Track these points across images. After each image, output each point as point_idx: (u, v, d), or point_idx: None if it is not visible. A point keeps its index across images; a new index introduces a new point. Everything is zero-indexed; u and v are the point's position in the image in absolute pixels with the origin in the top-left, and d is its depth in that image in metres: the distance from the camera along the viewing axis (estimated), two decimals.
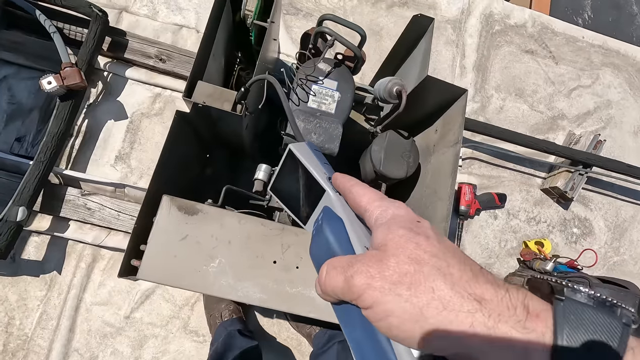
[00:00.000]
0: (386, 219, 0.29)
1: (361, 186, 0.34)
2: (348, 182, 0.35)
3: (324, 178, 0.38)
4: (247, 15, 0.99)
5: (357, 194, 0.33)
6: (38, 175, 1.21)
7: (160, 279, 0.78)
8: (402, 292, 0.24)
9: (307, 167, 0.39)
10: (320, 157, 0.42)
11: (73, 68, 1.24)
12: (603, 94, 1.88)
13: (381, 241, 0.27)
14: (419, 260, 0.25)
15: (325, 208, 0.37)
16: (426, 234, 0.27)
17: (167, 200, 0.81)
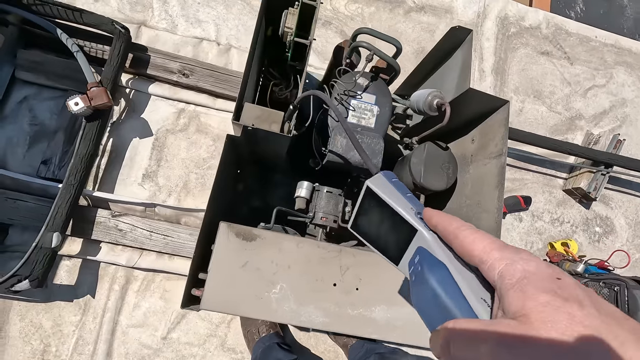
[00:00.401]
0: (516, 278, 0.25)
1: (469, 229, 0.30)
2: (450, 223, 0.32)
3: (414, 216, 0.36)
4: (287, 32, 0.97)
5: (467, 241, 0.30)
6: (69, 199, 1.18)
7: (224, 308, 0.77)
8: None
9: (392, 205, 0.37)
10: (401, 188, 0.39)
11: (100, 88, 1.22)
12: (617, 93, 1.90)
13: (519, 309, 0.24)
14: (581, 338, 0.21)
15: (420, 249, 0.35)
16: (577, 299, 0.23)
17: (225, 228, 0.80)
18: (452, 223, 0.32)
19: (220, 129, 1.45)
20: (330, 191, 1.08)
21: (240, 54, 1.52)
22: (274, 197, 1.31)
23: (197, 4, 1.54)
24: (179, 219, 1.36)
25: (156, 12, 1.50)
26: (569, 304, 0.22)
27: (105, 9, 1.46)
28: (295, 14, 0.95)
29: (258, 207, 1.30)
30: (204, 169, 1.42)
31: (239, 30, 1.55)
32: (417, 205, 0.37)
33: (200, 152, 1.43)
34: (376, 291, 0.84)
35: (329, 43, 1.64)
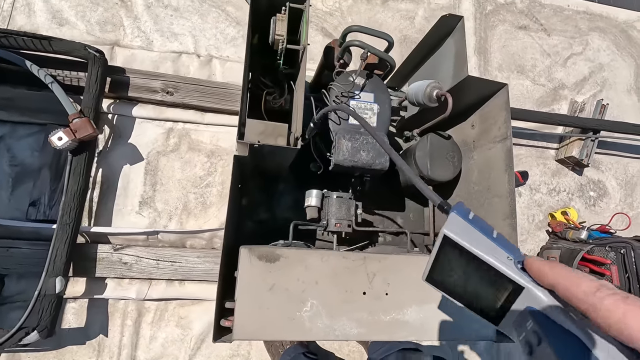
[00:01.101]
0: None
1: (613, 297, 0.23)
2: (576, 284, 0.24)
3: (514, 268, 0.29)
4: (278, 40, 0.94)
5: (614, 316, 0.22)
6: (67, 239, 1.12)
7: (257, 335, 0.74)
8: None
9: (483, 258, 0.30)
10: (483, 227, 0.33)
11: (82, 118, 1.15)
12: (595, 59, 1.95)
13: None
14: None
15: (534, 312, 0.28)
16: None
17: (246, 252, 0.77)
18: (580, 284, 0.24)
19: (213, 144, 1.40)
20: (340, 196, 1.06)
21: (223, 64, 1.46)
22: (280, 208, 1.28)
23: (170, 17, 1.47)
24: (184, 242, 1.31)
25: (128, 30, 1.43)
26: None
27: (73, 33, 1.38)
28: (284, 19, 0.91)
29: (265, 219, 1.27)
30: (202, 187, 1.37)
31: (217, 39, 1.50)
32: (512, 250, 0.31)
33: (196, 171, 1.38)
34: (406, 293, 0.83)
35: (311, 42, 1.61)
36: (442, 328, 0.83)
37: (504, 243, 0.32)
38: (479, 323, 0.86)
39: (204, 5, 1.51)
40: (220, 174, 1.38)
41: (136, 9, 1.45)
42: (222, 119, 1.41)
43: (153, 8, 1.47)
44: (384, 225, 1.35)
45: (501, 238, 0.32)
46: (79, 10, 1.40)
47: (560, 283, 0.26)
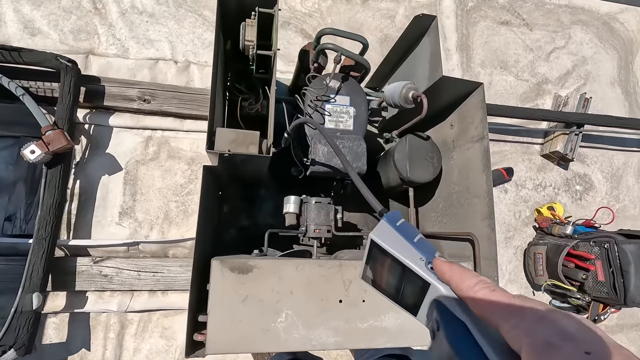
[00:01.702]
0: (538, 352, 0.23)
1: (483, 289, 0.28)
2: (462, 280, 0.30)
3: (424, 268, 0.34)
4: (248, 45, 0.92)
5: (482, 304, 0.28)
6: (43, 254, 1.10)
7: (231, 348, 0.73)
8: None
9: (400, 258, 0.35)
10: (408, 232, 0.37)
11: (56, 130, 1.13)
12: (577, 52, 1.95)
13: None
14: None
15: (437, 302, 0.33)
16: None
17: (218, 264, 0.75)
18: (465, 280, 0.30)
19: (193, 151, 1.38)
20: (319, 201, 1.05)
21: (201, 70, 1.44)
22: (262, 214, 1.27)
23: (145, 23, 1.45)
24: (166, 252, 1.30)
25: (103, 37, 1.40)
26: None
27: (45, 43, 1.35)
28: (254, 25, 0.90)
29: (246, 226, 1.25)
30: (183, 195, 1.36)
31: (195, 44, 1.48)
32: (428, 253, 0.35)
33: (177, 179, 1.36)
34: (383, 299, 0.82)
35: (291, 44, 1.59)
36: (420, 333, 0.82)
37: (422, 246, 0.36)
38: None
39: (180, 10, 1.49)
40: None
41: (110, 17, 1.42)
42: (202, 125, 1.40)
43: (128, 15, 1.44)
44: (368, 228, 1.34)
45: (421, 242, 0.36)
46: (51, 20, 1.37)
47: (452, 279, 0.31)
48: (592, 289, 1.35)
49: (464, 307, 0.30)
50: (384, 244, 0.36)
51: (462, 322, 0.29)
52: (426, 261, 0.34)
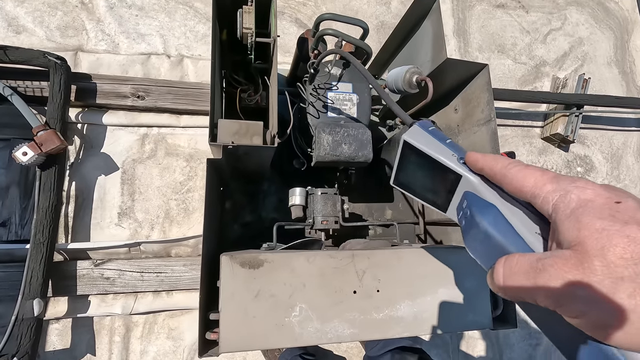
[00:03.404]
0: (571, 208, 0.24)
1: (517, 166, 0.29)
2: (496, 163, 0.31)
3: (456, 162, 0.35)
4: (246, 33, 0.89)
5: (517, 178, 0.28)
6: (42, 259, 1.07)
7: (246, 346, 0.71)
8: (621, 301, 0.20)
9: (433, 155, 0.36)
10: (439, 135, 0.39)
11: (48, 130, 1.08)
12: (574, 33, 1.93)
13: (574, 238, 0.23)
14: (638, 258, 0.20)
15: (467, 194, 0.34)
16: (637, 220, 0.21)
17: (227, 260, 0.73)
18: (498, 162, 0.31)
19: (191, 148, 1.35)
20: (325, 192, 1.02)
21: (195, 63, 1.40)
22: (266, 208, 1.24)
23: (135, 17, 1.40)
24: (168, 252, 1.27)
25: (91, 33, 1.35)
26: (629, 226, 0.21)
27: (32, 41, 1.30)
28: (251, 11, 0.86)
29: (250, 221, 1.23)
30: (182, 193, 1.32)
31: (187, 37, 1.43)
32: (459, 151, 0.36)
33: (176, 176, 1.33)
34: (397, 288, 0.80)
35: (286, 34, 1.55)
36: (437, 320, 0.81)
37: (454, 146, 0.37)
38: (474, 313, 0.84)
39: (170, 2, 1.45)
40: (201, 178, 1.33)
41: (98, 11, 1.37)
42: (199, 120, 1.36)
43: (116, 9, 1.39)
44: (373, 218, 1.32)
45: (453, 144, 0.37)
46: (36, 16, 1.32)
47: (486, 165, 0.32)
48: None
49: (495, 190, 0.32)
50: (417, 144, 0.37)
51: (493, 205, 0.31)
52: (458, 157, 0.35)
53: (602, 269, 0.21)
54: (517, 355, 1.50)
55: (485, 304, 0.83)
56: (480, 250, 0.32)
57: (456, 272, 0.84)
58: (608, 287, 0.21)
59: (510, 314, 0.88)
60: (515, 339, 1.52)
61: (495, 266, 0.28)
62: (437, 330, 0.81)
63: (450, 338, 1.45)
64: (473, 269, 0.84)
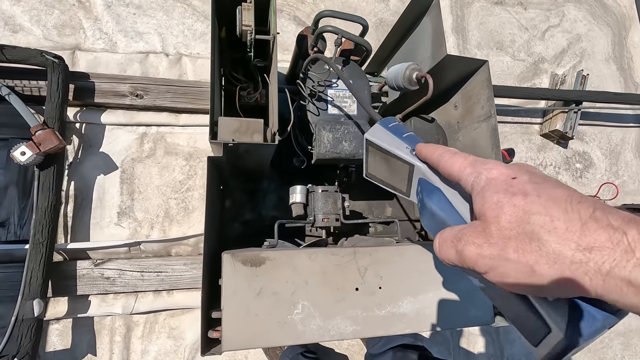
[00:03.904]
0: (480, 187, 0.29)
1: (448, 154, 0.34)
2: (433, 153, 0.36)
3: (408, 153, 0.40)
4: (246, 30, 0.88)
5: (446, 165, 0.34)
6: (41, 259, 1.06)
7: (248, 344, 0.71)
8: (510, 256, 0.26)
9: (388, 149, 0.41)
10: (398, 131, 0.43)
11: (46, 130, 1.08)
12: (572, 30, 1.93)
13: (479, 210, 0.28)
14: (520, 221, 0.25)
15: (421, 180, 0.39)
16: (523, 191, 0.26)
17: (229, 258, 0.72)
18: (435, 151, 0.35)
19: (190, 146, 1.34)
20: (326, 190, 1.02)
21: (194, 62, 1.40)
22: (266, 206, 1.23)
23: (132, 16, 1.39)
24: (168, 251, 1.26)
25: (89, 32, 1.34)
26: (515, 197, 0.26)
27: (29, 40, 1.29)
28: (251, 8, 0.86)
29: (250, 220, 1.22)
30: (182, 192, 1.32)
31: (185, 36, 1.43)
32: (413, 143, 0.41)
33: (175, 175, 1.32)
34: (399, 285, 0.80)
35: (284, 32, 1.55)
36: (439, 317, 0.81)
37: (410, 139, 0.41)
38: (476, 308, 0.84)
39: (168, 0, 1.44)
40: (201, 177, 1.33)
41: (95, 10, 1.36)
42: (198, 119, 1.35)
43: (114, 7, 1.38)
44: (373, 215, 1.32)
45: (409, 136, 0.42)
46: (33, 15, 1.31)
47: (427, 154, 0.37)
48: None
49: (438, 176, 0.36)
50: (375, 140, 0.42)
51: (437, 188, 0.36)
52: (410, 149, 0.40)
53: (496, 232, 0.26)
54: (518, 351, 1.51)
55: (487, 300, 0.83)
56: (431, 226, 0.37)
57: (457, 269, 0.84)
58: (500, 246, 0.26)
59: None
60: (515, 335, 1.52)
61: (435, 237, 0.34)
62: (439, 326, 0.81)
63: (451, 335, 1.45)
64: None
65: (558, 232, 0.24)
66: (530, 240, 0.25)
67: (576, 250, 0.23)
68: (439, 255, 0.33)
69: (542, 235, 0.24)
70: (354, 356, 1.37)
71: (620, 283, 0.21)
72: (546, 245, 0.24)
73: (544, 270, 0.24)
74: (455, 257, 0.30)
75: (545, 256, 0.24)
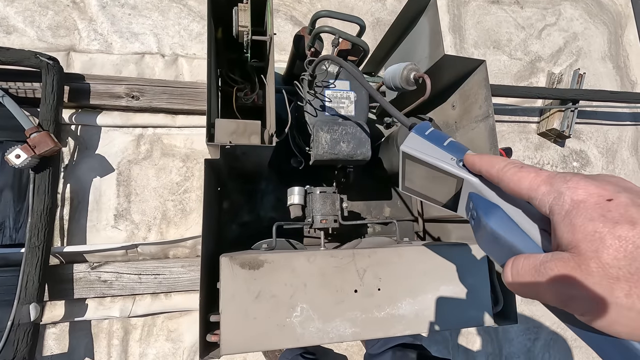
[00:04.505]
0: (565, 210, 0.25)
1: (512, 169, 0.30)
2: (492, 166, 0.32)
3: (455, 166, 0.36)
4: (242, 31, 0.88)
5: (512, 181, 0.29)
6: (37, 263, 1.05)
7: (247, 347, 0.70)
8: (620, 301, 0.21)
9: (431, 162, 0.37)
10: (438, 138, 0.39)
11: (41, 132, 1.07)
12: (568, 28, 1.94)
13: (569, 241, 0.24)
14: (630, 259, 0.21)
15: (472, 195, 0.35)
16: (629, 219, 0.22)
17: (227, 261, 0.72)
18: (494, 165, 0.31)
19: (187, 148, 1.33)
20: (324, 191, 1.01)
21: (190, 62, 1.39)
22: (264, 208, 1.23)
23: (128, 16, 1.38)
24: (166, 253, 1.26)
25: (84, 33, 1.33)
26: (619, 226, 0.22)
27: (23, 41, 1.28)
28: (247, 9, 0.85)
29: (248, 221, 1.22)
30: (179, 194, 1.31)
31: (181, 36, 1.42)
32: (458, 152, 0.37)
33: (172, 177, 1.31)
34: (398, 286, 0.80)
35: (281, 32, 1.54)
36: (438, 318, 0.81)
37: (452, 148, 0.37)
38: (475, 309, 0.84)
39: (163, 1, 1.43)
40: (198, 178, 1.32)
41: (90, 10, 1.35)
42: (195, 120, 1.35)
43: (109, 8, 1.37)
44: (371, 216, 1.32)
45: (452, 144, 0.38)
46: (26, 16, 1.30)
47: (482, 167, 0.33)
48: None
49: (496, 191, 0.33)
50: (415, 152, 0.38)
51: (496, 205, 0.32)
52: (457, 160, 0.36)
53: (598, 270, 0.22)
54: (516, 350, 1.51)
55: (486, 300, 0.83)
56: (491, 249, 0.33)
57: (456, 269, 0.84)
58: (605, 288, 0.22)
59: (511, 309, 0.88)
60: (514, 334, 1.52)
61: (504, 268, 0.29)
62: (438, 327, 0.81)
63: (449, 334, 1.45)
64: (473, 265, 0.84)
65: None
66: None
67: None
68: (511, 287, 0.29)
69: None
70: (353, 356, 1.36)
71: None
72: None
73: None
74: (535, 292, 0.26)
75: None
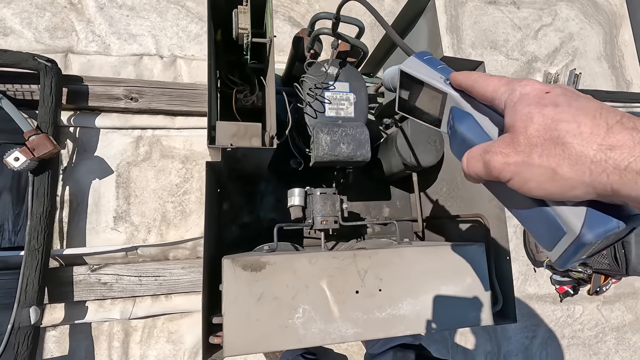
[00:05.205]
0: (513, 102, 0.29)
1: (483, 77, 0.34)
2: (468, 78, 0.36)
3: (442, 82, 0.40)
4: (242, 34, 0.88)
5: (481, 87, 0.33)
6: (37, 266, 1.05)
7: (249, 349, 0.71)
8: (534, 161, 0.27)
9: (423, 78, 0.41)
10: (432, 62, 0.43)
11: (40, 135, 1.06)
12: (564, 29, 1.95)
13: (510, 123, 0.29)
14: (547, 129, 0.26)
15: (453, 109, 0.39)
16: (554, 103, 0.27)
17: (229, 263, 0.72)
18: (471, 76, 0.35)
19: (186, 149, 1.33)
20: (324, 192, 1.02)
21: (189, 64, 1.39)
22: (264, 209, 1.23)
23: (126, 18, 1.38)
24: (166, 255, 1.26)
25: (81, 34, 1.33)
26: (546, 108, 0.27)
27: (20, 43, 1.27)
28: (247, 12, 0.85)
29: (248, 222, 1.22)
30: (179, 195, 1.31)
31: (180, 37, 1.41)
32: (447, 73, 0.41)
33: (171, 178, 1.31)
34: (399, 287, 0.81)
35: (279, 32, 1.54)
36: (438, 318, 0.82)
37: (443, 70, 0.41)
38: (475, 309, 0.84)
39: (161, 2, 1.42)
40: (198, 180, 1.32)
41: (88, 12, 1.35)
42: (194, 121, 1.34)
43: (106, 9, 1.37)
44: (371, 216, 1.32)
45: (444, 68, 0.42)
46: (24, 18, 1.29)
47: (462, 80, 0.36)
48: (593, 262, 1.38)
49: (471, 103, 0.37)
50: (411, 71, 0.42)
51: (469, 114, 0.37)
52: (445, 78, 0.40)
53: (524, 140, 0.27)
54: (514, 347, 1.53)
55: (486, 300, 0.84)
56: (459, 151, 0.38)
57: (456, 269, 0.85)
58: (526, 153, 0.27)
59: (510, 308, 0.89)
60: (512, 332, 1.54)
61: (462, 160, 0.34)
62: (439, 327, 0.82)
63: (448, 333, 1.47)
64: (473, 265, 0.85)
65: (583, 135, 0.24)
66: (555, 145, 0.25)
67: (598, 150, 0.23)
68: (466, 171, 0.34)
69: (567, 139, 0.25)
70: (353, 356, 1.37)
71: (635, 176, 0.22)
72: (569, 148, 0.25)
73: (565, 172, 0.25)
74: (482, 170, 0.31)
75: (568, 158, 0.25)
